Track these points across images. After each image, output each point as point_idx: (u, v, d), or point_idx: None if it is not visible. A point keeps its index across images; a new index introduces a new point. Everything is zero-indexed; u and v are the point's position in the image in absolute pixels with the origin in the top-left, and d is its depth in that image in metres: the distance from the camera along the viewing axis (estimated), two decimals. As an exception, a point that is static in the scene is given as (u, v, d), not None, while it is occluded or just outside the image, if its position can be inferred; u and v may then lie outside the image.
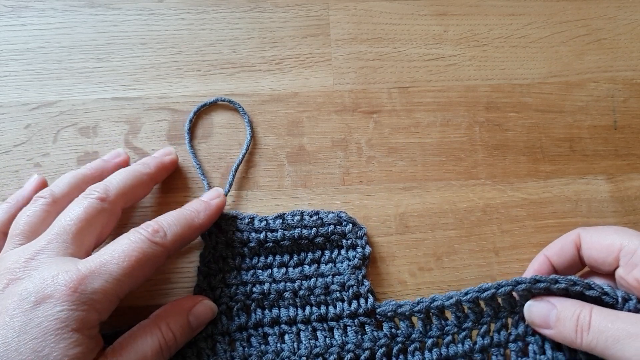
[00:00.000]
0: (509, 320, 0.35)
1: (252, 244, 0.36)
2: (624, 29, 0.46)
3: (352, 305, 0.35)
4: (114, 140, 0.41)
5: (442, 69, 0.44)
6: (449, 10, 0.45)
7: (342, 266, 0.36)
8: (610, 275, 0.33)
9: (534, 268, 0.35)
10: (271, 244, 0.36)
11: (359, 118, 0.43)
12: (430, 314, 0.35)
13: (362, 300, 0.36)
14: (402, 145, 0.42)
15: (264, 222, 0.36)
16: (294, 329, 0.35)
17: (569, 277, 0.32)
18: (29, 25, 0.43)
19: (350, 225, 0.37)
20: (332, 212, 0.37)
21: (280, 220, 0.36)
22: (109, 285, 0.28)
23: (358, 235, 0.37)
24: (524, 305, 0.34)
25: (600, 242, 0.33)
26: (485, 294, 0.34)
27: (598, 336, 0.28)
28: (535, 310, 0.32)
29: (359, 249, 0.37)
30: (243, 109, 0.41)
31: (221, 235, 0.36)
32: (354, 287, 0.36)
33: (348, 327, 0.35)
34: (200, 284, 0.35)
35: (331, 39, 0.44)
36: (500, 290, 0.34)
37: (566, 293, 0.33)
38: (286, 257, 0.36)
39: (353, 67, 0.44)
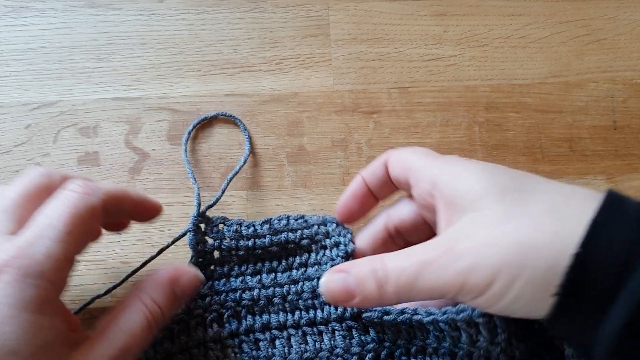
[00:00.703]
0: (491, 351, 0.31)
1: (240, 252, 0.35)
2: (623, 29, 0.46)
3: (339, 309, 0.34)
4: (114, 140, 0.41)
5: (441, 69, 0.44)
6: (449, 10, 0.45)
7: (326, 268, 0.35)
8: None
9: (350, 187, 0.35)
10: (260, 251, 0.35)
11: (359, 118, 0.43)
12: (412, 325, 0.33)
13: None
14: (402, 145, 0.42)
15: (252, 228, 0.36)
16: (285, 333, 0.34)
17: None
18: (30, 26, 0.43)
19: (334, 225, 0.36)
20: (317, 216, 0.36)
21: (268, 226, 0.36)
22: (53, 250, 0.25)
23: (341, 233, 0.35)
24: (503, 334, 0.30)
25: (400, 161, 0.32)
26: (462, 315, 0.31)
27: (398, 279, 0.27)
28: (332, 284, 0.29)
29: (342, 247, 0.35)
30: (244, 125, 0.41)
31: (208, 244, 0.35)
32: None
33: (336, 332, 0.34)
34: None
35: (331, 39, 0.44)
36: (475, 312, 0.30)
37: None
38: (275, 263, 0.36)
39: (353, 67, 0.44)
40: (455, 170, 0.28)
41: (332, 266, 0.34)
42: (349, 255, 0.35)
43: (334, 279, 0.29)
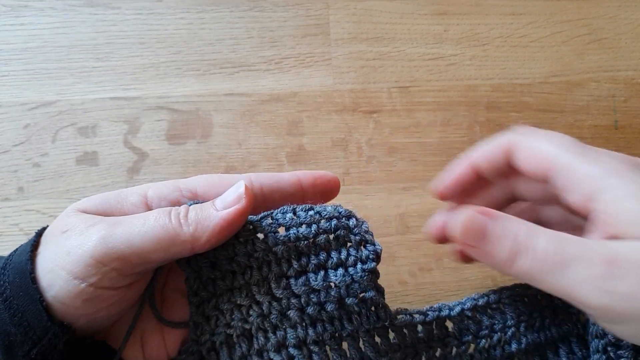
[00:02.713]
0: (503, 337, 0.32)
1: (239, 258, 0.29)
2: (624, 28, 0.46)
3: (371, 318, 0.29)
4: (113, 140, 0.41)
5: (442, 69, 0.44)
6: (450, 9, 0.45)
7: (355, 271, 0.29)
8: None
9: (455, 173, 0.30)
10: (262, 254, 0.29)
11: (359, 118, 0.43)
12: (438, 325, 0.32)
13: (381, 312, 0.30)
14: (402, 145, 0.42)
15: (249, 226, 0.29)
16: (305, 351, 0.29)
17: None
18: (28, 25, 0.43)
19: (354, 219, 0.30)
20: (328, 206, 0.30)
21: (269, 221, 0.29)
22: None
23: (364, 229, 0.30)
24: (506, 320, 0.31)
25: (538, 155, 0.27)
26: (481, 300, 0.32)
27: (543, 259, 0.24)
28: (470, 220, 0.25)
29: (370, 247, 0.29)
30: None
31: (201, 258, 0.29)
32: (375, 297, 0.29)
33: (364, 342, 0.29)
34: (194, 316, 0.29)
35: (331, 39, 0.44)
36: (492, 298, 0.32)
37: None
38: (284, 266, 0.29)
39: (353, 67, 0.43)
40: (621, 191, 0.25)
41: (363, 270, 0.29)
42: (379, 256, 0.30)
43: (476, 217, 0.25)
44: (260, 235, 0.29)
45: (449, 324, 0.33)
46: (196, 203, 0.28)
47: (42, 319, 0.25)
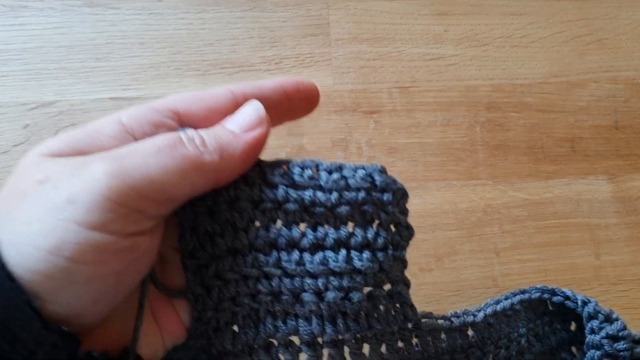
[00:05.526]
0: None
1: (242, 204, 0.22)
2: (625, 29, 0.46)
3: (398, 318, 0.24)
4: (113, 140, 0.41)
5: (442, 69, 0.44)
6: (450, 9, 0.45)
7: (385, 256, 0.23)
8: None
9: None
10: (269, 205, 0.22)
11: (359, 118, 0.43)
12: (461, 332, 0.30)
13: (408, 311, 0.25)
14: (402, 145, 0.42)
15: (257, 170, 0.23)
16: (317, 352, 0.23)
17: (537, 286, 0.32)
18: (28, 25, 0.43)
19: (390, 194, 0.23)
20: (362, 169, 0.23)
21: (281, 171, 0.23)
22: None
23: (400, 207, 0.24)
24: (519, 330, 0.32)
25: None
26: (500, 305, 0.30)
27: None
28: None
29: (403, 230, 0.24)
30: None
31: (198, 202, 0.22)
32: (403, 291, 0.24)
33: (389, 348, 0.24)
34: (191, 286, 0.23)
35: (331, 39, 0.44)
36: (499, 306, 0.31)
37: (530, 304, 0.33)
38: (295, 231, 0.22)
39: (353, 67, 0.43)
40: None
41: (395, 257, 0.24)
42: (411, 237, 0.25)
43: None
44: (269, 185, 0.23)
45: (469, 333, 0.29)
46: (187, 129, 0.22)
47: (34, 327, 0.19)
